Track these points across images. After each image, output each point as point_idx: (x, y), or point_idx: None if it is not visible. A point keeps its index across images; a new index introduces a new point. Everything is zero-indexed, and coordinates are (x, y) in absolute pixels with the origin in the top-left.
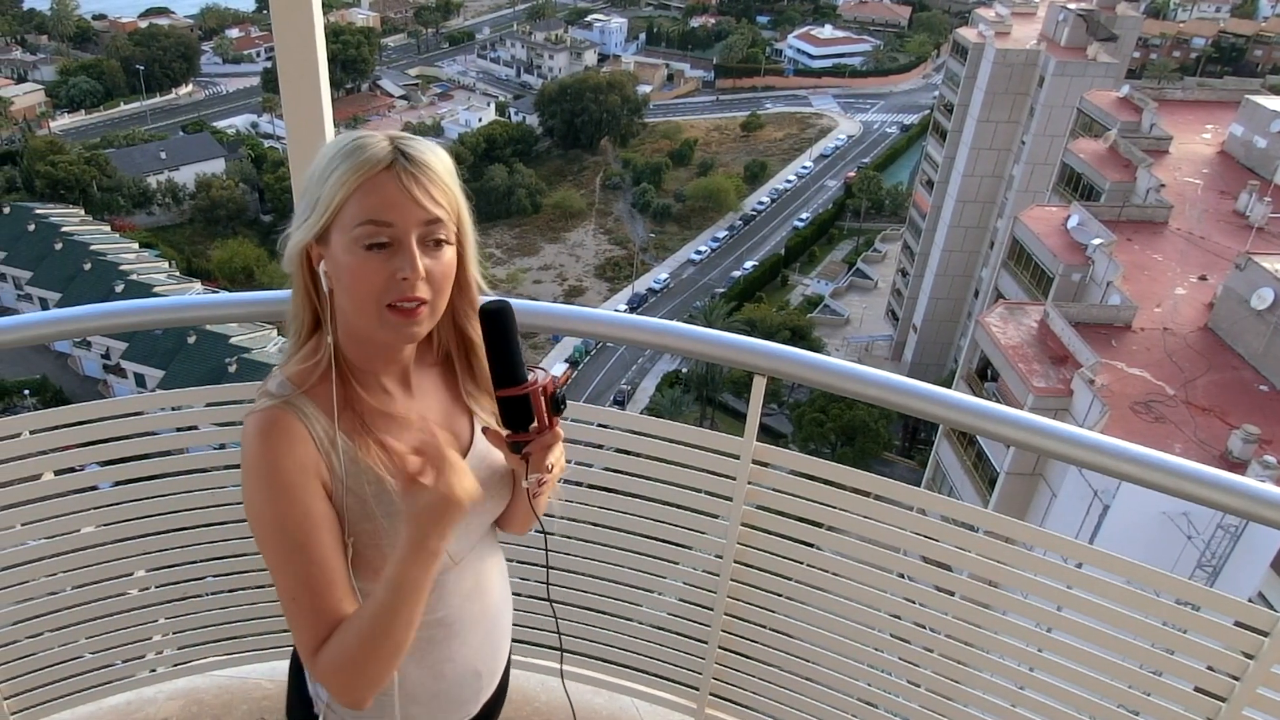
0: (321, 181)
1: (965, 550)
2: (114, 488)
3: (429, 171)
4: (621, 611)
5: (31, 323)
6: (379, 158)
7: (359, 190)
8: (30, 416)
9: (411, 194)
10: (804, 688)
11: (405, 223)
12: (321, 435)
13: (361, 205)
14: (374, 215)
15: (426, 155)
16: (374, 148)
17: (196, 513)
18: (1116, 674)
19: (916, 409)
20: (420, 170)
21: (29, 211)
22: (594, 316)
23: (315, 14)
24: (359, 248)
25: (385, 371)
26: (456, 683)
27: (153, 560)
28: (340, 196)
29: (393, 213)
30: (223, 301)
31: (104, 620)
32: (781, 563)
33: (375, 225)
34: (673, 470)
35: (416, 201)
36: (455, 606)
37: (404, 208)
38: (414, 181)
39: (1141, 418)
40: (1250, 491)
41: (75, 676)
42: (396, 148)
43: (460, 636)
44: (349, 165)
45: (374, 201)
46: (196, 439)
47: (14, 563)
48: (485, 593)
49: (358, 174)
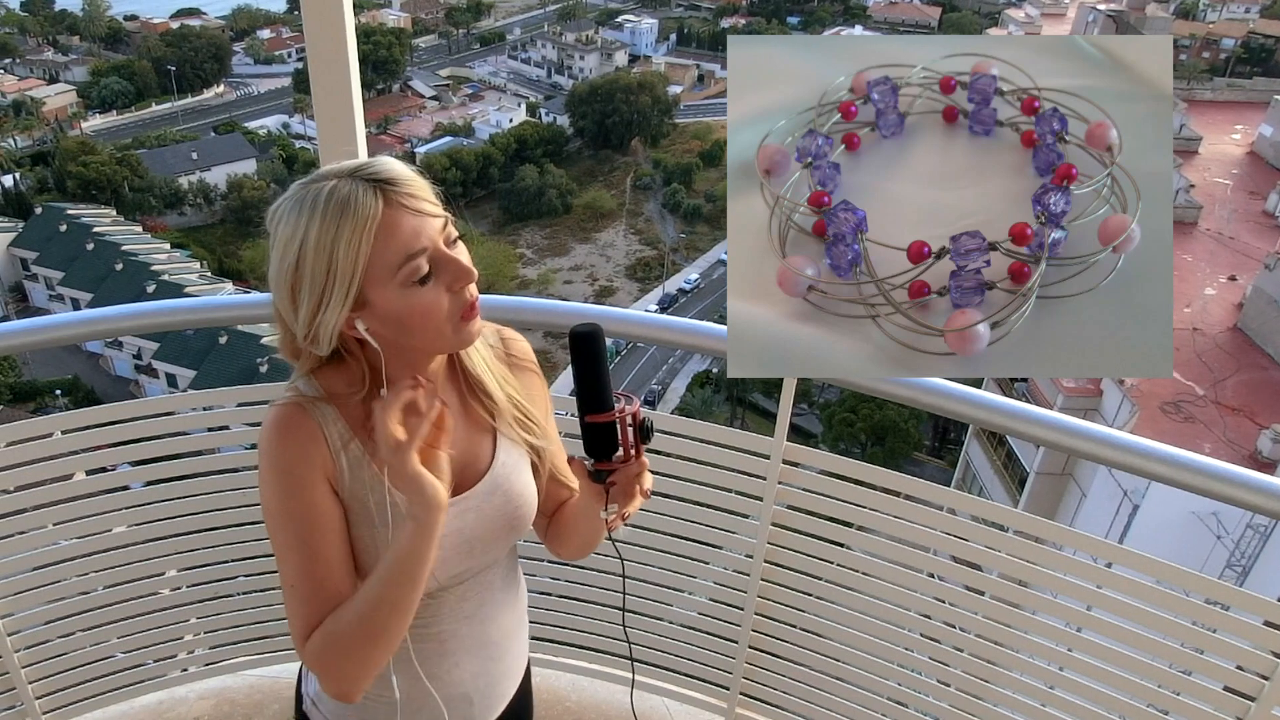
0: (325, 254)
1: (995, 550)
2: (145, 488)
3: (410, 183)
4: (652, 611)
5: (63, 323)
6: (370, 201)
7: (377, 242)
8: (62, 416)
9: (418, 210)
10: (834, 687)
11: (433, 239)
12: (335, 438)
13: (390, 250)
14: (408, 250)
15: (395, 168)
16: (360, 197)
17: (228, 512)
18: (1146, 673)
19: (946, 409)
20: (405, 186)
21: (60, 212)
22: (625, 316)
23: (346, 15)
24: (411, 286)
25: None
26: (445, 702)
27: (184, 560)
28: (363, 256)
29: (420, 239)
30: (254, 302)
31: (135, 620)
32: (812, 562)
33: (414, 257)
34: (703, 470)
35: (425, 213)
36: (449, 627)
37: (422, 227)
38: (409, 198)
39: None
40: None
41: (106, 676)
42: (370, 180)
43: (451, 657)
44: (352, 225)
45: (399, 240)
46: (228, 439)
47: (46, 562)
48: (487, 621)
49: (366, 227)
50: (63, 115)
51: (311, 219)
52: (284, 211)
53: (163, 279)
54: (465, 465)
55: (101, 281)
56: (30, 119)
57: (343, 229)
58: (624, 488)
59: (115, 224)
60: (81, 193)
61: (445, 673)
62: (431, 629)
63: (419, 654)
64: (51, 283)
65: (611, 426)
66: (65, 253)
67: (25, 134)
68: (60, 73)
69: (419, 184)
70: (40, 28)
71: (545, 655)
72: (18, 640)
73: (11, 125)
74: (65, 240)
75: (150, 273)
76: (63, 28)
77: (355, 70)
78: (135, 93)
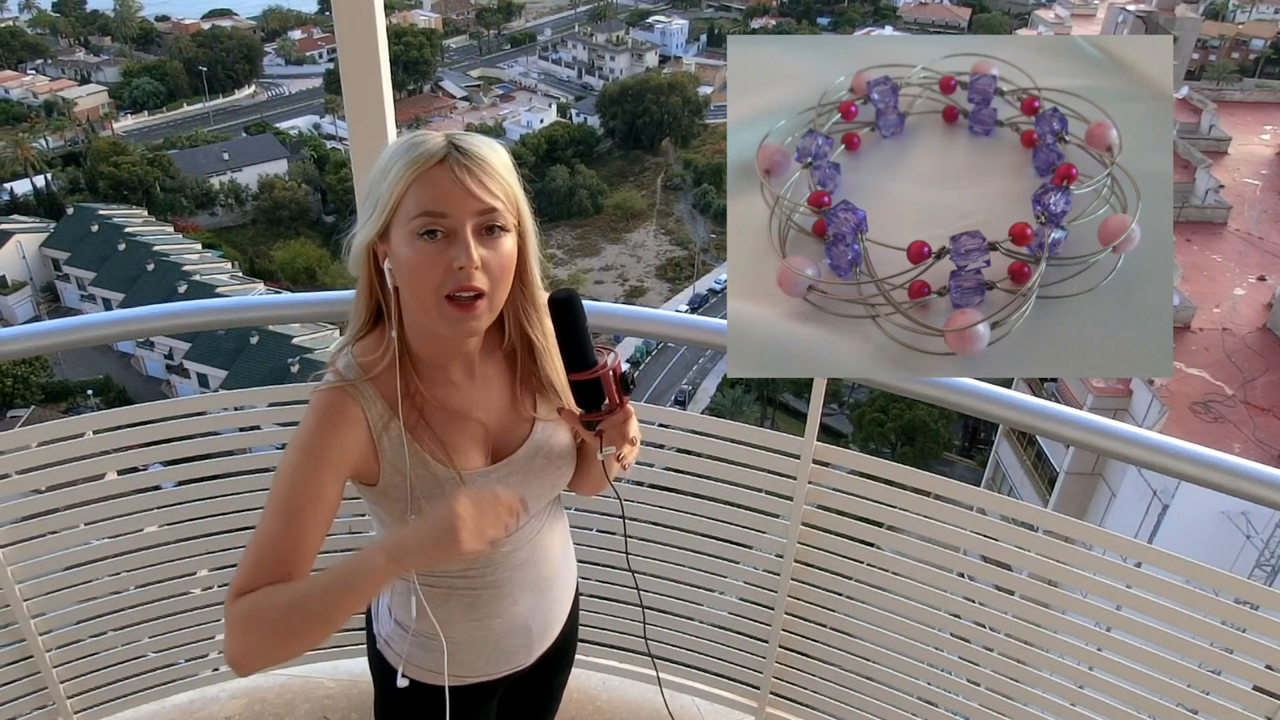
0: (381, 180)
1: (1025, 550)
2: (177, 487)
3: (482, 163)
4: (683, 611)
5: (95, 323)
6: (433, 152)
7: (415, 184)
8: (94, 416)
9: (465, 184)
10: (865, 687)
11: (460, 213)
12: (376, 419)
13: (418, 198)
14: (429, 206)
15: (481, 149)
16: (429, 143)
17: (259, 513)
18: (1175, 673)
19: (977, 409)
20: (473, 162)
21: (92, 212)
22: (655, 317)
23: (377, 16)
24: (416, 239)
25: (450, 363)
26: (504, 635)
27: (215, 560)
28: (398, 192)
29: (447, 203)
30: (285, 302)
31: (167, 619)
32: (842, 562)
33: (430, 216)
34: (734, 470)
35: (470, 192)
36: (505, 574)
37: (458, 198)
38: (467, 173)
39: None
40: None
41: (138, 675)
42: (451, 142)
43: (510, 597)
44: (405, 161)
45: (429, 194)
46: (259, 439)
47: (77, 562)
48: (540, 563)
49: (413, 168)
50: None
51: (394, 150)
52: (393, 142)
53: (194, 279)
54: (506, 431)
55: (133, 282)
56: (62, 120)
57: (399, 162)
58: (612, 433)
59: (147, 224)
60: (113, 193)
61: (504, 610)
62: (488, 577)
63: (480, 599)
64: (83, 283)
65: (596, 382)
66: (97, 253)
67: (57, 134)
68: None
69: (485, 166)
70: (72, 29)
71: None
72: (49, 640)
73: (43, 126)
74: (97, 240)
75: (182, 273)
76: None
77: (386, 71)
78: (167, 93)
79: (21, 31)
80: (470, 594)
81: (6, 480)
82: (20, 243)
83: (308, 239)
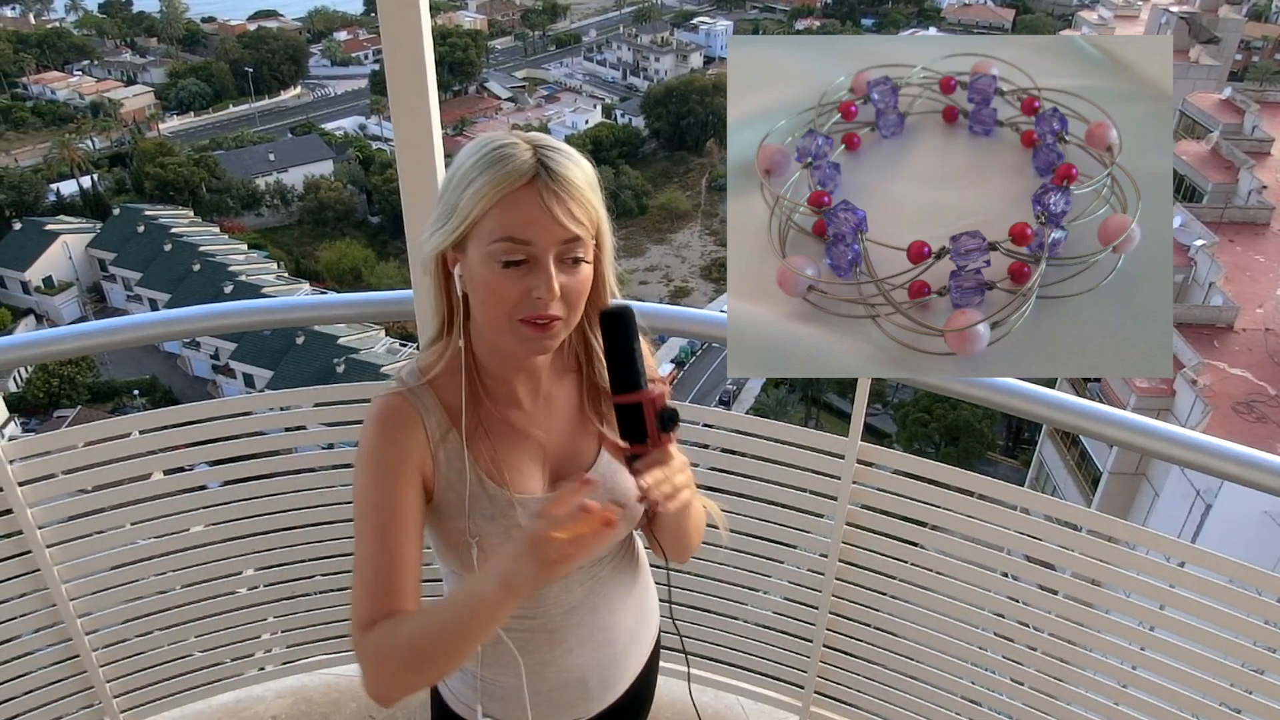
0: (461, 189)
1: (1068, 549)
2: (222, 487)
3: (571, 187)
4: (728, 610)
5: (142, 323)
6: (521, 171)
7: (499, 205)
8: (140, 416)
9: (552, 212)
10: (909, 686)
11: (544, 241)
12: (434, 428)
13: (501, 221)
14: (513, 233)
15: (570, 169)
16: (517, 159)
17: (304, 512)
18: (1219, 672)
19: (1020, 409)
20: (562, 186)
21: (138, 213)
22: (700, 317)
23: (423, 17)
24: (495, 263)
25: (516, 378)
26: (558, 687)
27: (261, 560)
28: (480, 209)
29: (532, 231)
30: (331, 302)
31: (213, 619)
32: (886, 561)
33: (513, 243)
34: (778, 470)
35: (556, 220)
36: (556, 617)
37: (543, 226)
38: (555, 199)
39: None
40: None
41: (183, 675)
42: (539, 160)
43: (563, 644)
44: (490, 177)
45: (513, 218)
46: (304, 439)
47: (123, 562)
48: (599, 611)
49: (499, 188)
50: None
51: (475, 156)
52: (473, 143)
53: (240, 279)
54: (567, 459)
55: (179, 282)
56: (108, 120)
57: (483, 176)
58: (652, 477)
59: (193, 225)
60: (159, 194)
61: (558, 659)
62: (538, 619)
63: (529, 642)
64: (129, 283)
65: (638, 409)
66: (143, 253)
67: (103, 135)
68: (138, 74)
69: (573, 190)
70: (118, 30)
71: None
72: (95, 639)
73: (90, 127)
74: (143, 241)
75: (228, 273)
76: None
77: (432, 72)
78: (213, 94)
79: (68, 33)
80: (523, 635)
81: (53, 480)
82: (67, 243)
83: (353, 240)
